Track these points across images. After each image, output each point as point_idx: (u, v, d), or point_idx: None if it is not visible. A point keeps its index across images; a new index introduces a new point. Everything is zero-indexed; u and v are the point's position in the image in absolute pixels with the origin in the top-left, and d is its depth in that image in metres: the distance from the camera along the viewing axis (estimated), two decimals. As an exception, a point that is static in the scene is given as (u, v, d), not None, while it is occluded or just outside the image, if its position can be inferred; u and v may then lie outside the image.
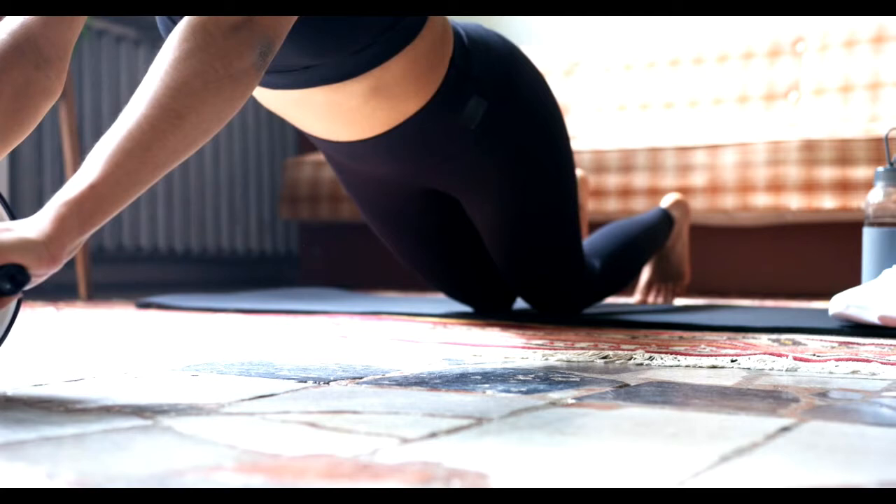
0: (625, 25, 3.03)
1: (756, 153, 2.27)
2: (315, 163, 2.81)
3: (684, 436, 0.59)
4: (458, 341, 1.16)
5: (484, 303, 1.58)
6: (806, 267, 2.38)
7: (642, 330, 1.31)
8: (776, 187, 2.24)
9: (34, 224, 0.72)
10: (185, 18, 0.84)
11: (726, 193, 2.30)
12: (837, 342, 1.13)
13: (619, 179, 2.41)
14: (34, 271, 0.71)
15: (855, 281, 1.60)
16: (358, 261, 2.91)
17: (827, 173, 2.19)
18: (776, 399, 0.74)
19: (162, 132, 0.78)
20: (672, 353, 1.01)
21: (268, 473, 0.49)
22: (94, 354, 1.05)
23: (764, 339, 1.16)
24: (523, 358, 1.02)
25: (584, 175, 2.02)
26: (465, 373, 0.90)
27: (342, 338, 1.22)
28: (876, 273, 1.34)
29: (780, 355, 0.98)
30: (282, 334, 1.27)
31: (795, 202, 2.22)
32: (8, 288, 0.70)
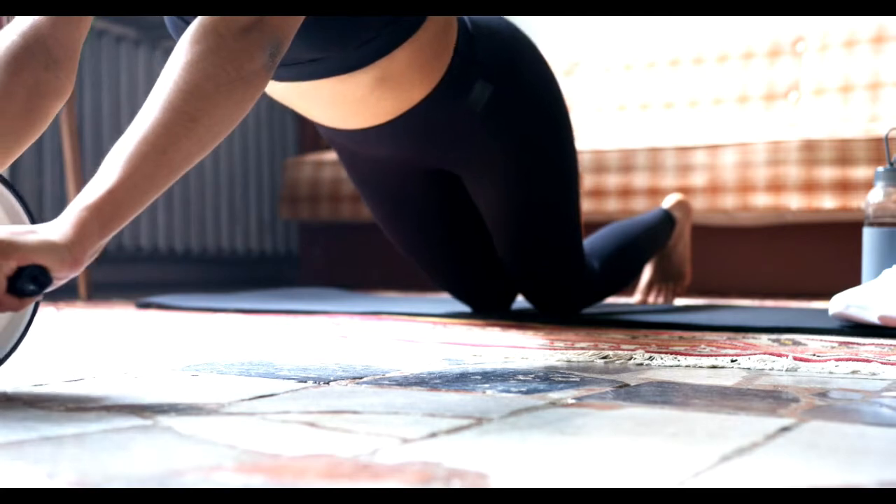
0: (625, 25, 3.03)
1: (756, 153, 2.27)
2: (315, 163, 2.81)
3: (684, 436, 0.59)
4: (458, 341, 1.16)
5: (482, 298, 1.58)
6: (806, 267, 2.38)
7: (642, 330, 1.31)
8: (776, 187, 2.24)
9: (56, 228, 0.73)
10: (197, 20, 0.84)
11: (726, 193, 2.30)
12: (837, 342, 1.13)
13: (619, 179, 2.41)
14: (56, 273, 0.72)
15: (855, 281, 1.60)
16: (358, 261, 2.91)
17: (827, 173, 2.19)
18: (776, 399, 0.74)
19: (176, 135, 0.78)
20: (672, 353, 1.01)
21: (268, 473, 0.49)
22: (94, 354, 1.05)
23: (764, 339, 1.16)
24: (523, 358, 1.02)
25: (581, 172, 2.02)
26: (465, 373, 0.90)
27: (342, 338, 1.22)
28: (876, 273, 1.34)
29: (780, 355, 0.98)
30: (282, 334, 1.27)
31: (795, 202, 2.22)
32: (31, 289, 0.71)
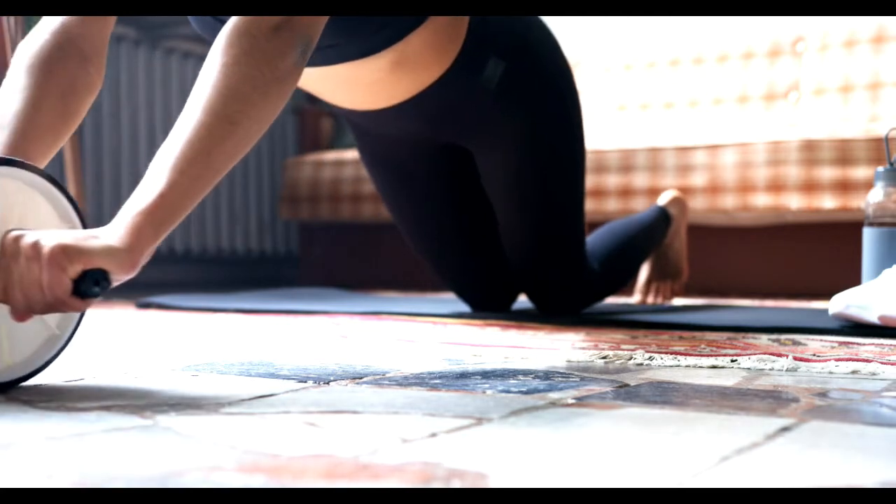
0: (625, 25, 3.03)
1: (756, 153, 2.27)
2: (315, 163, 2.81)
3: (684, 436, 0.59)
4: (458, 341, 1.16)
5: (485, 293, 1.58)
6: (806, 267, 2.38)
7: (642, 330, 1.31)
8: (776, 187, 2.24)
9: (114, 232, 0.76)
10: (228, 23, 0.86)
11: (726, 193, 2.30)
12: (837, 342, 1.13)
13: (619, 179, 2.41)
14: (115, 276, 0.75)
15: (855, 281, 1.60)
16: (358, 261, 2.91)
17: (827, 173, 2.19)
18: (776, 399, 0.74)
19: (220, 138, 0.81)
20: (672, 353, 1.01)
21: (268, 473, 0.49)
22: (94, 354, 1.05)
23: (764, 339, 1.16)
24: (523, 358, 1.02)
25: None
26: (465, 373, 0.90)
27: (342, 338, 1.22)
28: (876, 273, 1.34)
29: (780, 355, 0.98)
30: (282, 334, 1.27)
31: (795, 202, 2.22)
32: (95, 291, 0.74)
